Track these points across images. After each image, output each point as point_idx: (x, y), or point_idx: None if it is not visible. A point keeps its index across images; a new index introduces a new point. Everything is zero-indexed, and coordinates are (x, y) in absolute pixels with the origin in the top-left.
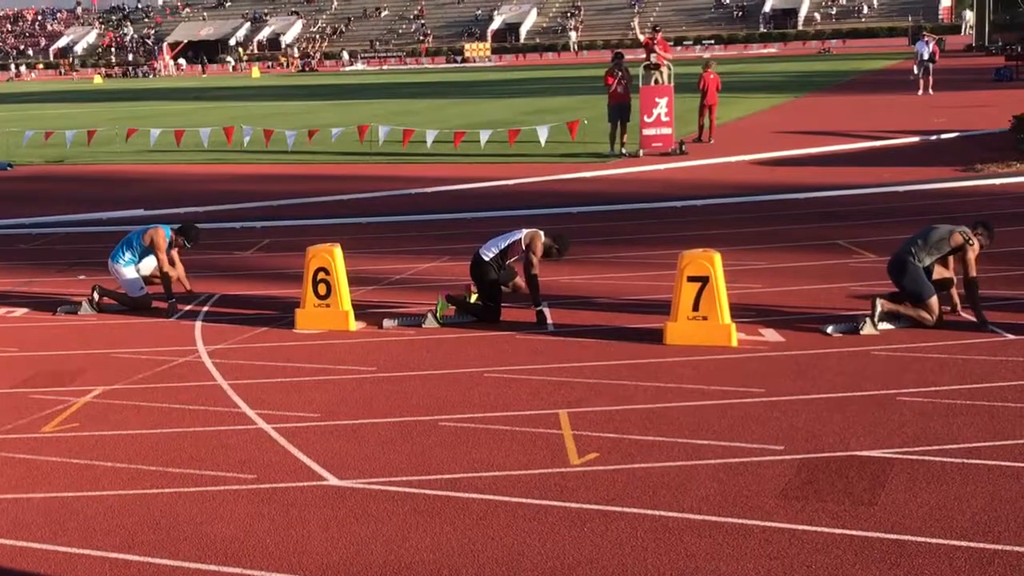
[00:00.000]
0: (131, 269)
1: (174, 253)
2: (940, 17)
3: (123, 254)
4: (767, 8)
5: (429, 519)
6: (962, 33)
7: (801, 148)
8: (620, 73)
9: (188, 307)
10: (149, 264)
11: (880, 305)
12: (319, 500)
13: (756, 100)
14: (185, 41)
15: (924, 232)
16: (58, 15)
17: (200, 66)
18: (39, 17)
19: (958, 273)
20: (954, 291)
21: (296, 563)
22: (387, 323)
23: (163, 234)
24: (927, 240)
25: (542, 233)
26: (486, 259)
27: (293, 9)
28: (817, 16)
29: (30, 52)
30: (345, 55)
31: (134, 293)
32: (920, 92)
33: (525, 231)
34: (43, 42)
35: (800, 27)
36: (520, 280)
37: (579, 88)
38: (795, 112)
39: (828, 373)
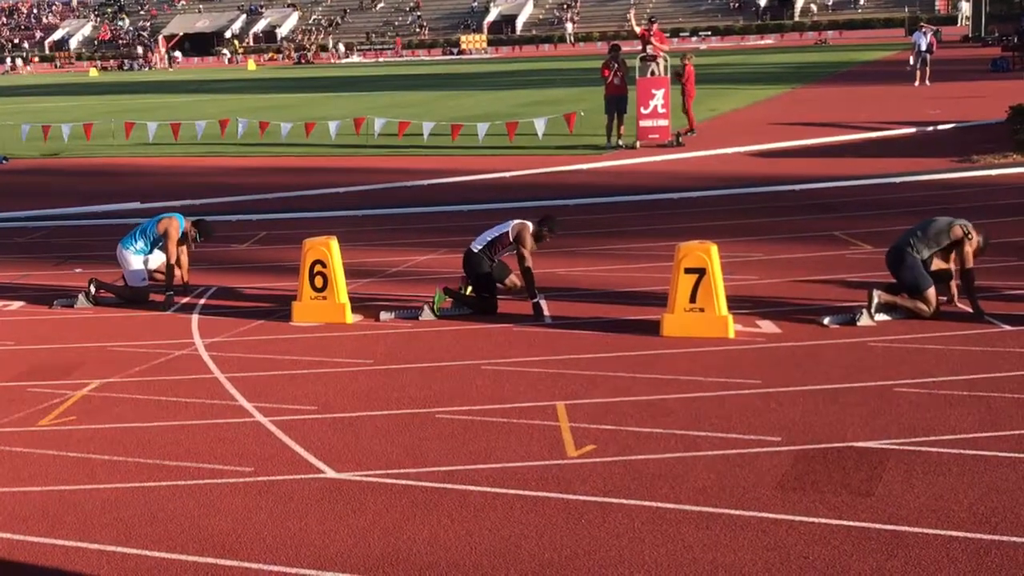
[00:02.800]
0: (139, 259)
1: (182, 247)
2: (936, 8)
3: (135, 242)
4: None
5: (426, 511)
6: (958, 24)
7: (798, 139)
8: (616, 65)
9: (185, 300)
10: (157, 259)
11: (877, 296)
12: (316, 493)
13: (752, 91)
14: (181, 34)
15: (923, 224)
16: (53, 7)
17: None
18: (34, 10)
19: (955, 264)
20: (951, 282)
21: (294, 555)
22: (384, 316)
23: (177, 225)
24: (926, 232)
25: (530, 224)
26: (476, 251)
27: (289, 1)
28: (813, 7)
29: (25, 45)
30: (341, 47)
31: (135, 282)
32: (917, 83)
33: (513, 223)
34: (38, 35)
35: (796, 18)
36: (515, 277)
37: (576, 80)
38: (791, 104)
39: (825, 364)
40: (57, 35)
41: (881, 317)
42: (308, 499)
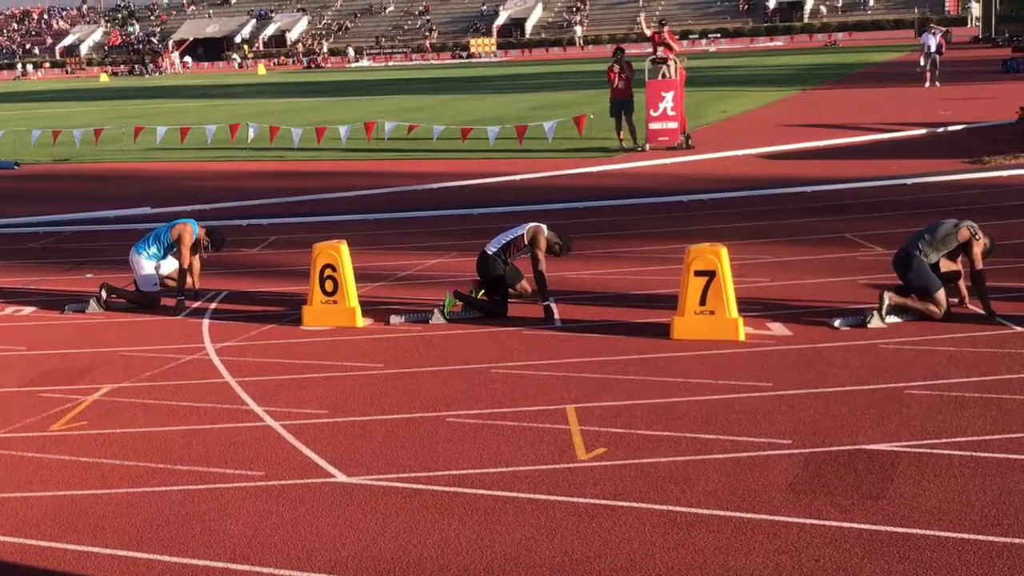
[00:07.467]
0: (152, 264)
1: (194, 253)
2: (946, 9)
3: (148, 247)
4: (772, 1)
5: (437, 515)
6: (968, 25)
7: (808, 141)
8: (619, 68)
9: (195, 305)
10: (169, 265)
11: (888, 298)
12: (327, 497)
13: (762, 93)
14: (191, 39)
15: (931, 228)
16: (64, 13)
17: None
18: (45, 15)
19: (965, 266)
20: (962, 283)
21: (304, 560)
22: (394, 319)
23: (191, 230)
24: (934, 235)
25: (545, 228)
26: (490, 254)
27: (299, 6)
28: (823, 9)
29: (36, 51)
30: (351, 51)
31: (147, 288)
32: (927, 84)
33: (528, 226)
34: (49, 40)
35: (806, 20)
36: (526, 282)
37: (585, 83)
38: (801, 105)
39: (835, 367)
40: (68, 41)
41: (892, 319)
42: (319, 503)
